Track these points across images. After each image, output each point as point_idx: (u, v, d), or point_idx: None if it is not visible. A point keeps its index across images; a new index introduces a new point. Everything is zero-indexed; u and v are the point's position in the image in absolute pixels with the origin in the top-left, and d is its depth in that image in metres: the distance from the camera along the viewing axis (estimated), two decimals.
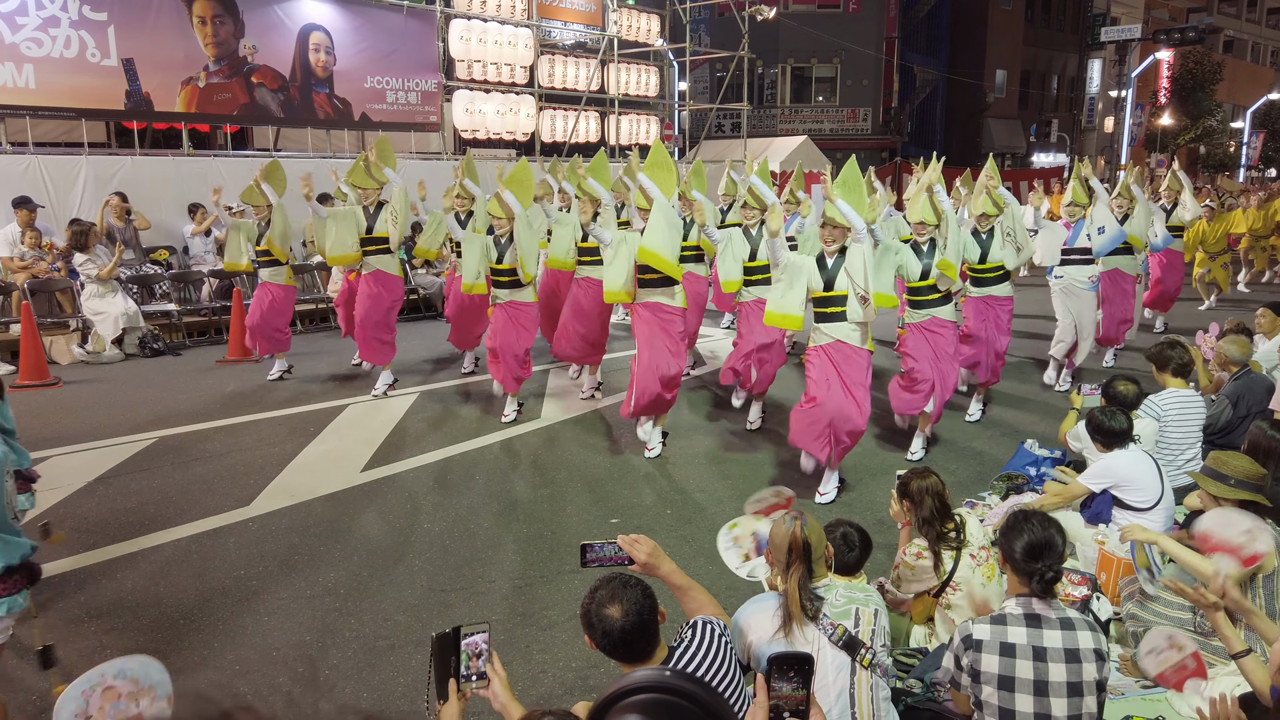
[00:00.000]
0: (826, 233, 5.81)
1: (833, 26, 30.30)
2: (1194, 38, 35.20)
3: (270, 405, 8.13)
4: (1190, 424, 5.53)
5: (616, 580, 2.53)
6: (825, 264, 5.88)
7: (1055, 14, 40.43)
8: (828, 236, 5.82)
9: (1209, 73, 43.26)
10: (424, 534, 5.43)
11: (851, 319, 5.80)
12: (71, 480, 6.19)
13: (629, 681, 1.07)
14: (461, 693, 2.45)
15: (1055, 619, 2.77)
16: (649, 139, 19.05)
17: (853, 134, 31.61)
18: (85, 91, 11.42)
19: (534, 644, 4.19)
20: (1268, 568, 3.43)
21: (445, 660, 2.45)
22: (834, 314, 5.86)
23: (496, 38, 15.53)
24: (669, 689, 1.07)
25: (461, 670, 2.45)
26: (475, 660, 2.46)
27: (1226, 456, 3.79)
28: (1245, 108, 45.15)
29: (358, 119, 14.32)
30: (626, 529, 5.43)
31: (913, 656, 3.67)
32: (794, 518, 2.96)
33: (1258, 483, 3.68)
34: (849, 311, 5.77)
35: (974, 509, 5.48)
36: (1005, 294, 7.87)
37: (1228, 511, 3.44)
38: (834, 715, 2.82)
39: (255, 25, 12.89)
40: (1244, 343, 6.09)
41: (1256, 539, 3.27)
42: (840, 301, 5.81)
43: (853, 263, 5.69)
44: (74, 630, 4.28)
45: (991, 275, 7.78)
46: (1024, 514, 2.94)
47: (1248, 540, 3.27)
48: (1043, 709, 2.69)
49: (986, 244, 7.66)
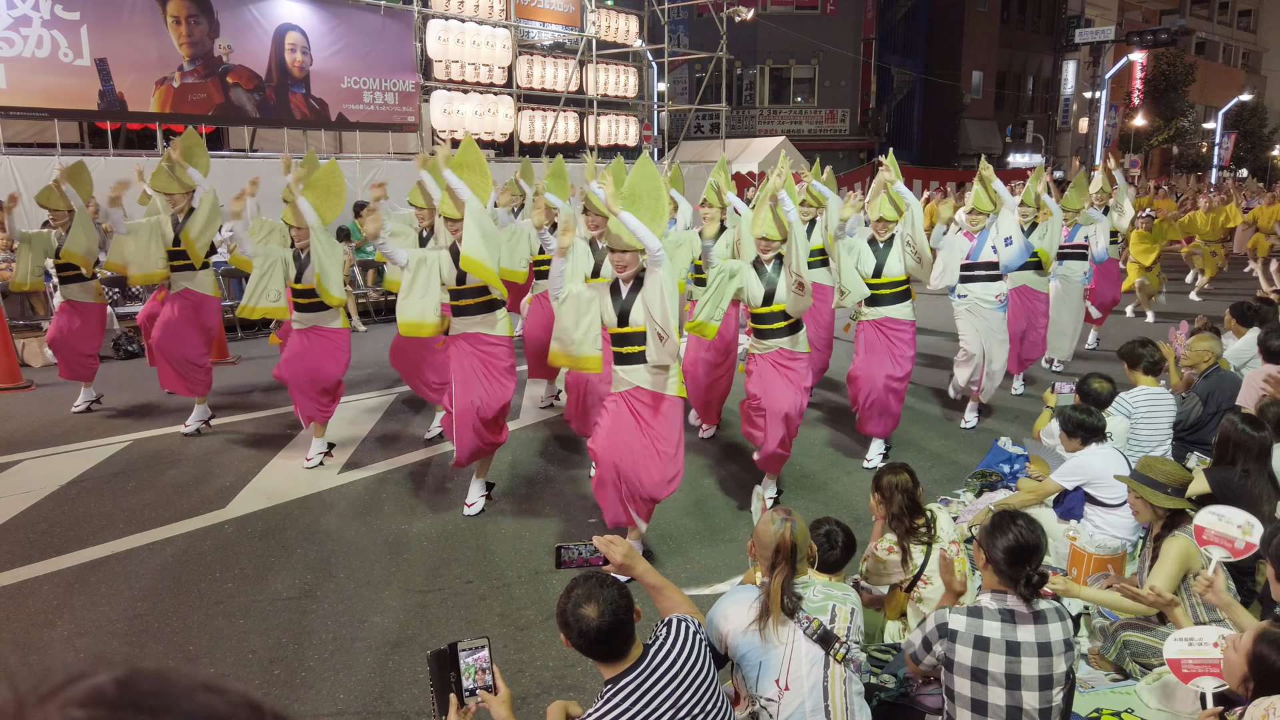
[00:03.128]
0: (615, 257, 4.70)
1: (810, 28, 30.45)
2: (1167, 40, 35.73)
3: (247, 408, 8.08)
4: (1161, 421, 5.62)
5: (593, 579, 2.54)
6: (620, 293, 4.79)
7: (1030, 16, 40.80)
8: (616, 261, 4.71)
9: (1181, 74, 43.81)
10: (400, 536, 5.42)
11: (652, 360, 4.71)
12: (44, 484, 6.13)
13: None
14: (465, 707, 2.45)
15: (1029, 614, 2.80)
16: (629, 139, 19.09)
17: (831, 134, 31.78)
18: (58, 92, 11.30)
19: (511, 644, 4.20)
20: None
21: (444, 676, 2.45)
22: (630, 355, 4.77)
23: (475, 38, 15.49)
24: None
25: (465, 685, 2.45)
26: (482, 674, 2.47)
27: (1156, 462, 3.90)
28: (1217, 109, 45.74)
29: (335, 119, 14.25)
30: (603, 529, 5.46)
31: (887, 652, 3.70)
32: (783, 518, 2.99)
33: (1185, 489, 3.82)
34: (648, 352, 4.69)
35: (948, 506, 5.54)
36: (905, 316, 6.61)
37: (1224, 507, 3.54)
38: (807, 708, 2.85)
39: (230, 25, 12.80)
40: (1214, 341, 6.19)
41: (1250, 533, 3.40)
42: (638, 340, 4.72)
43: (650, 293, 4.58)
44: (47, 633, 4.25)
45: (889, 292, 6.55)
46: (1009, 514, 2.92)
47: (1241, 534, 3.42)
48: (1014, 701, 2.72)
49: (884, 255, 6.53)
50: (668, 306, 4.50)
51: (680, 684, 2.54)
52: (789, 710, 2.85)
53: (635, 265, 4.64)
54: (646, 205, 4.59)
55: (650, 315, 4.57)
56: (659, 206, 4.62)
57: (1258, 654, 2.42)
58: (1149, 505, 3.80)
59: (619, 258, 4.66)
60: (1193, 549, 3.65)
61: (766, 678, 2.88)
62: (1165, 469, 3.83)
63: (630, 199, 4.56)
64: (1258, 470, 4.16)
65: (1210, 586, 3.28)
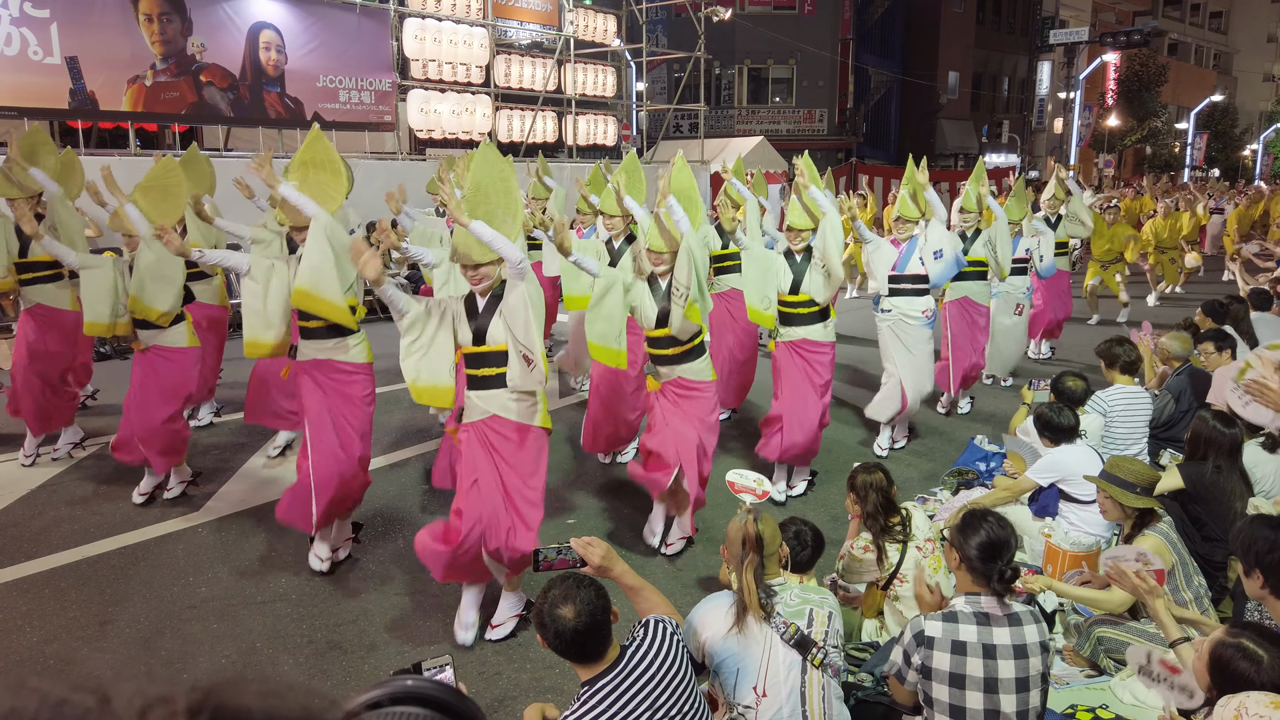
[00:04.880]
0: (470, 273, 4.01)
1: (788, 28, 30.54)
2: (1139, 41, 36.17)
3: (222, 410, 7.99)
4: (1137, 420, 5.66)
5: (570, 580, 2.53)
6: (476, 309, 4.08)
7: (1005, 17, 41.12)
8: (471, 276, 4.02)
9: (1154, 75, 44.32)
10: (376, 538, 5.38)
11: (514, 385, 4.02)
12: (13, 489, 6.04)
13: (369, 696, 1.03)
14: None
15: (1003, 616, 2.81)
16: (607, 139, 19.06)
17: (809, 134, 31.87)
18: (27, 90, 11.13)
19: (488, 647, 4.17)
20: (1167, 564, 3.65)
21: None
22: (487, 378, 4.07)
23: (451, 37, 15.42)
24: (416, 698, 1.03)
25: None
26: None
27: (1126, 462, 3.94)
28: (1189, 109, 46.32)
29: (310, 118, 14.12)
30: (581, 531, 5.45)
31: (864, 651, 3.72)
32: (748, 512, 3.00)
33: (1153, 488, 3.89)
34: (510, 376, 4.00)
35: (925, 504, 5.56)
36: (823, 339, 5.84)
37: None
38: (785, 714, 2.85)
39: (203, 23, 12.67)
40: (1186, 339, 6.25)
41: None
42: (498, 360, 4.01)
43: (512, 309, 3.91)
44: (16, 640, 4.18)
45: (805, 312, 5.82)
46: (979, 513, 2.96)
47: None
48: (992, 705, 2.73)
49: (802, 268, 5.82)
50: (532, 324, 3.86)
51: (657, 685, 2.53)
52: (767, 716, 2.85)
53: (493, 278, 4.00)
54: (497, 204, 3.95)
55: (513, 335, 3.92)
56: (511, 203, 3.98)
57: (1216, 656, 2.44)
58: (1118, 505, 3.85)
59: (473, 273, 3.97)
60: (1161, 547, 3.70)
61: (744, 684, 2.87)
62: (1134, 468, 3.88)
63: (475, 199, 3.90)
64: (1229, 467, 4.21)
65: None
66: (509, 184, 4.01)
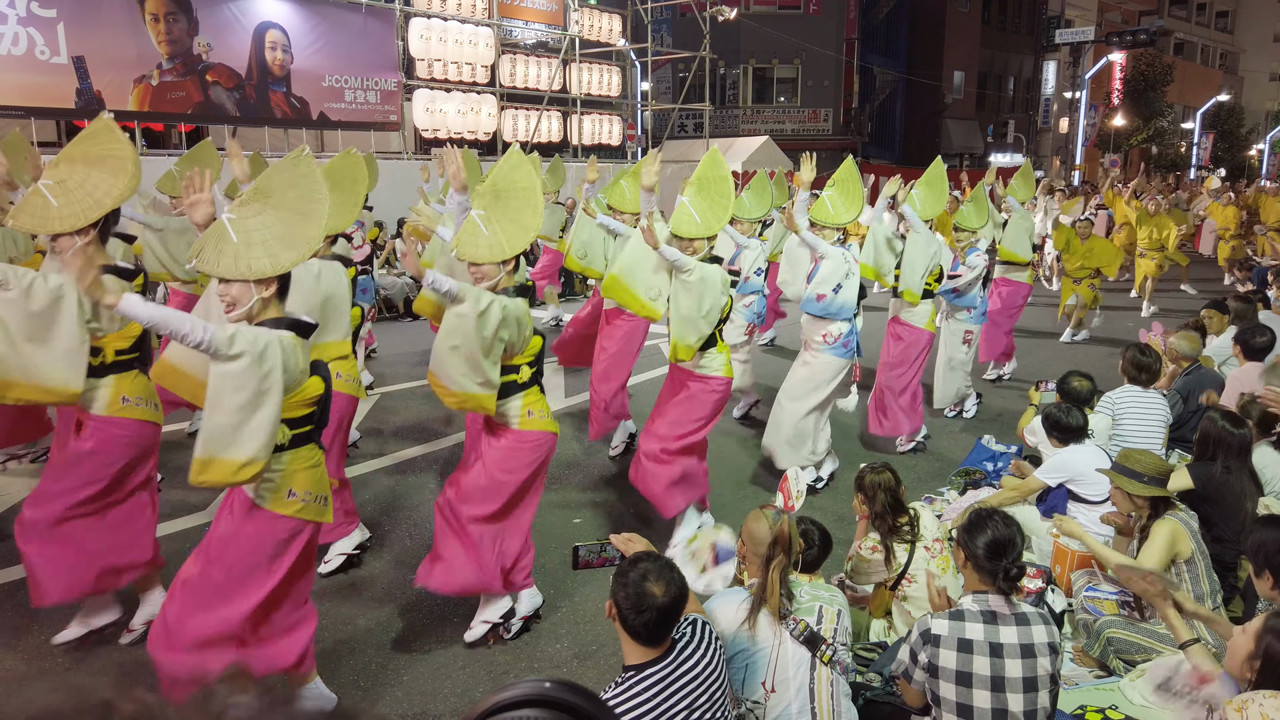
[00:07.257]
0: (473, 270, 3.91)
1: (793, 28, 30.54)
2: (1145, 40, 36.07)
3: None
4: (1148, 422, 5.48)
5: (662, 561, 2.53)
6: None
7: (1011, 16, 41.08)
8: (475, 273, 3.91)
9: (1160, 74, 44.19)
10: (384, 536, 5.37)
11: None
12: (17, 490, 6.04)
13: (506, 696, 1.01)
14: None
15: (1011, 615, 2.81)
16: (612, 139, 19.08)
17: (814, 134, 31.86)
18: (34, 90, 11.18)
19: (496, 646, 4.17)
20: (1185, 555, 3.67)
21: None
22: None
23: (457, 37, 15.45)
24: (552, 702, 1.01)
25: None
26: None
27: (1137, 454, 3.92)
28: (1195, 109, 46.21)
29: (316, 118, 14.16)
30: (587, 531, 5.45)
31: (872, 651, 3.71)
32: (777, 513, 3.03)
33: (1165, 478, 3.84)
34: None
35: (932, 504, 5.55)
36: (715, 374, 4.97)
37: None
38: (794, 710, 2.85)
39: (209, 23, 12.71)
40: (1195, 339, 6.22)
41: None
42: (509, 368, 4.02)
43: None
44: (25, 640, 4.18)
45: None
46: (985, 512, 2.97)
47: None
48: (999, 704, 2.72)
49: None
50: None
51: (699, 685, 2.54)
52: (775, 712, 2.85)
53: (494, 278, 3.85)
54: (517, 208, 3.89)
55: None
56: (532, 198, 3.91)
57: (1269, 644, 2.44)
58: (1127, 496, 3.84)
59: (477, 270, 3.85)
60: (1180, 532, 3.68)
61: (753, 680, 2.88)
62: (1143, 459, 3.86)
63: (493, 200, 3.87)
64: (1238, 467, 4.19)
65: None
66: (531, 179, 3.94)
